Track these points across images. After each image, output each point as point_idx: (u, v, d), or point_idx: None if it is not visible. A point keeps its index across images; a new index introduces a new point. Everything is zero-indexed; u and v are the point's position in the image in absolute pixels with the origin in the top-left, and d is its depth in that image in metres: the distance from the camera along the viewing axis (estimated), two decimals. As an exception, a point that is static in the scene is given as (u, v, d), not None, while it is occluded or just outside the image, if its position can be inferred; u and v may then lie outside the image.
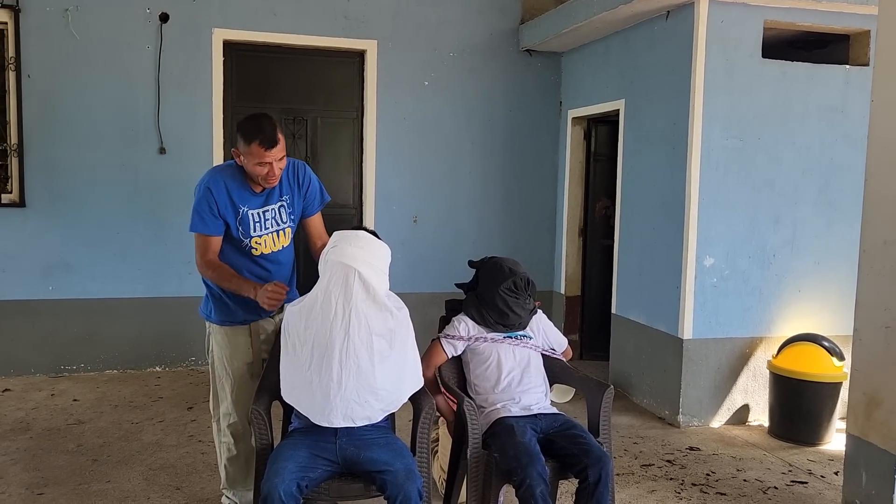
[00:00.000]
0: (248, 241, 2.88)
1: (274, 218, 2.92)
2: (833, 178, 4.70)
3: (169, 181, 5.48)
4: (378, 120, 5.87)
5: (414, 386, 2.68)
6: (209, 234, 2.84)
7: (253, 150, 2.73)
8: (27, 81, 5.18)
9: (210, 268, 2.84)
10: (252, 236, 2.87)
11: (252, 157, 2.74)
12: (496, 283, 3.02)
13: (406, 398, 2.65)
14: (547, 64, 6.21)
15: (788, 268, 4.69)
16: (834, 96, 4.66)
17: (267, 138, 2.72)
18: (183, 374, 5.44)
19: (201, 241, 2.85)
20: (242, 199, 2.85)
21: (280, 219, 2.94)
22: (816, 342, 4.42)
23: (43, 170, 5.26)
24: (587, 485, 2.61)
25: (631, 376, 5.16)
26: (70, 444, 4.00)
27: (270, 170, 2.77)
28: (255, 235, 2.88)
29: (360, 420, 2.53)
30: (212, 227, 2.83)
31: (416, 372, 2.70)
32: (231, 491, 3.06)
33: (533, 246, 6.26)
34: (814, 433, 4.37)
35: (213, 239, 2.85)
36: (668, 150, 4.72)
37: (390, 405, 2.60)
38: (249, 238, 2.88)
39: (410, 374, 2.67)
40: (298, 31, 5.65)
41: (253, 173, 2.79)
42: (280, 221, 2.94)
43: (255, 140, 2.72)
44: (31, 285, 5.29)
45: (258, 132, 2.72)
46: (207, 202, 2.81)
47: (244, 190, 2.86)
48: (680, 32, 4.60)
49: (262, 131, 2.72)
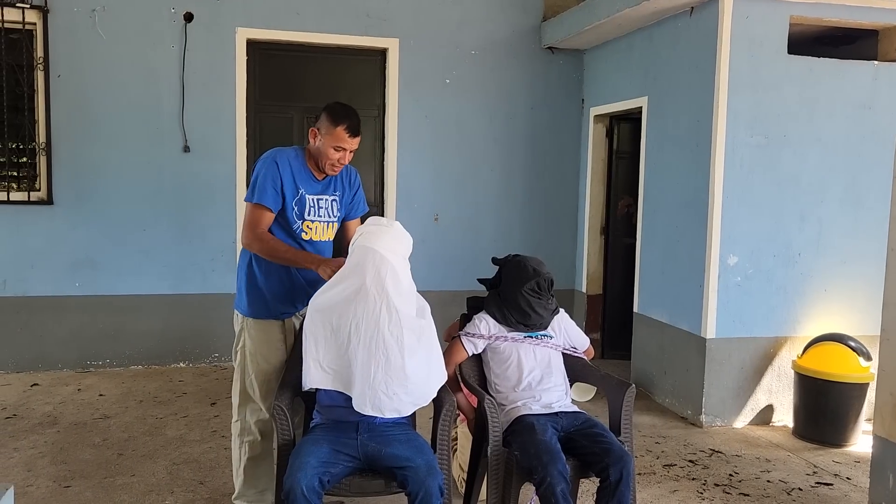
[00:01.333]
0: (300, 224, 2.86)
1: (327, 208, 2.93)
2: (860, 176, 4.63)
3: (193, 179, 5.55)
4: (399, 118, 5.89)
5: (440, 380, 2.69)
6: (268, 207, 2.79)
7: (337, 132, 2.79)
8: (55, 81, 5.26)
9: (261, 240, 2.79)
10: (305, 219, 2.87)
11: (332, 139, 2.80)
12: (520, 283, 3.01)
13: (435, 392, 2.66)
14: (569, 61, 6.19)
15: (814, 267, 4.62)
16: (862, 93, 4.59)
17: (354, 126, 2.82)
18: (206, 371, 5.50)
19: (256, 214, 2.80)
20: (303, 181, 2.86)
21: (332, 211, 2.95)
22: (843, 342, 4.36)
23: (70, 168, 5.34)
24: (608, 484, 2.60)
25: (653, 376, 5.12)
26: (96, 438, 4.06)
27: (342, 157, 2.85)
28: (308, 219, 2.87)
29: (389, 412, 2.54)
30: (271, 201, 2.79)
31: (441, 366, 2.72)
32: (244, 499, 2.98)
33: (554, 244, 6.23)
34: (839, 434, 4.31)
35: (269, 213, 2.80)
36: (692, 148, 4.68)
37: (420, 398, 2.61)
38: (302, 220, 2.86)
39: (436, 368, 2.68)
40: (321, 29, 5.68)
41: (324, 156, 2.82)
42: (331, 214, 2.96)
43: (343, 124, 2.80)
44: (59, 282, 5.38)
45: (347, 118, 2.81)
46: (272, 176, 2.80)
47: (306, 173, 2.88)
48: (704, 29, 4.56)
49: (351, 118, 2.82)
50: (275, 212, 2.82)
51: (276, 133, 5.70)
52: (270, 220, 2.82)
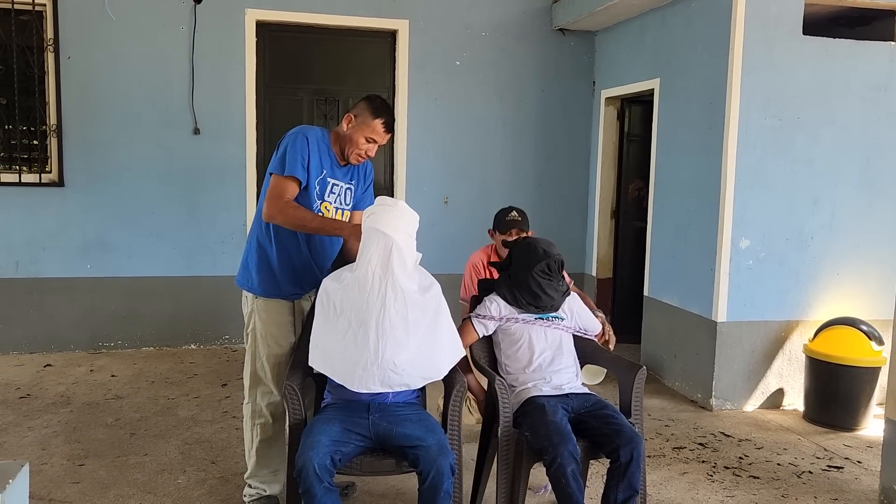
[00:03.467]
0: (319, 205, 2.84)
1: (341, 195, 2.92)
2: (875, 158, 4.59)
3: (203, 161, 5.55)
4: (409, 100, 5.86)
5: (455, 355, 2.69)
6: (297, 179, 2.73)
7: (375, 124, 2.81)
8: (66, 63, 5.26)
9: (287, 209, 2.70)
10: (325, 200, 2.85)
11: (367, 130, 2.80)
12: (530, 264, 3.00)
13: (448, 367, 2.66)
14: (580, 43, 6.13)
15: (827, 250, 4.59)
16: (878, 74, 4.53)
17: (391, 123, 2.85)
18: (217, 352, 5.53)
19: (283, 184, 2.72)
20: (326, 163, 2.84)
21: (344, 199, 2.94)
22: (855, 326, 4.34)
23: (81, 150, 5.36)
24: (619, 465, 2.60)
25: (663, 359, 5.11)
26: (109, 418, 4.10)
27: (371, 149, 2.85)
28: (327, 200, 2.86)
29: (398, 386, 2.55)
30: (300, 173, 2.74)
31: (455, 342, 2.70)
32: (257, 479, 2.99)
33: (564, 227, 6.21)
34: (850, 418, 4.30)
35: (295, 185, 2.74)
36: (704, 130, 4.64)
37: (429, 372, 2.61)
38: (322, 201, 2.85)
39: (449, 344, 2.67)
40: (330, 11, 5.65)
41: (354, 144, 2.82)
42: (343, 201, 2.94)
43: (382, 118, 2.82)
44: (71, 263, 5.41)
45: (387, 113, 2.84)
46: (301, 150, 2.76)
47: (330, 155, 2.86)
48: (717, 9, 4.50)
49: (390, 114, 2.86)
50: (303, 185, 2.77)
51: (285, 115, 5.69)
52: (296, 193, 2.76)
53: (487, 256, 3.61)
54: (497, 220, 3.59)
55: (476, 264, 3.60)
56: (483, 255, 3.63)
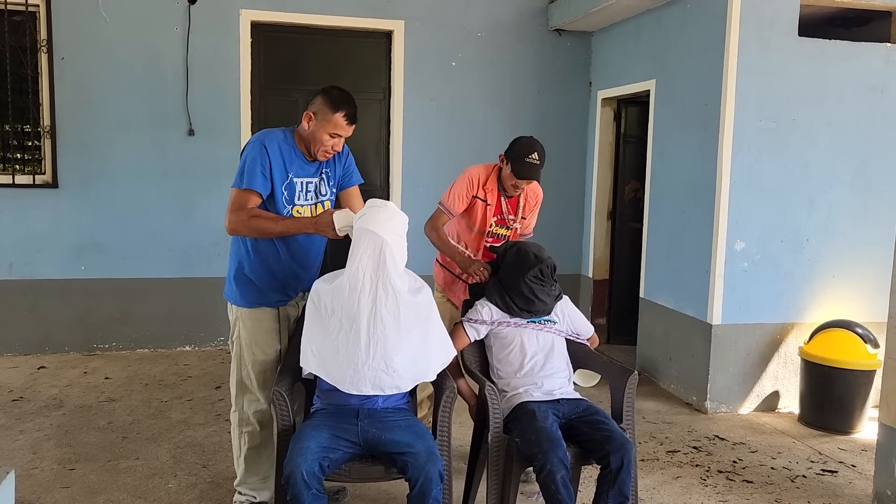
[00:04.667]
0: (290, 209, 2.81)
1: (315, 190, 2.89)
2: (871, 160, 4.57)
3: (198, 162, 5.53)
4: (405, 101, 5.84)
5: (446, 356, 2.69)
6: (257, 192, 2.70)
7: (336, 119, 2.73)
8: (59, 63, 5.24)
9: (247, 219, 2.69)
10: (295, 204, 2.82)
11: (329, 125, 2.74)
12: (522, 270, 2.99)
13: (438, 368, 2.66)
14: (576, 44, 6.11)
15: (822, 252, 4.57)
16: (874, 75, 4.51)
17: (352, 113, 2.76)
18: (212, 354, 5.52)
19: (243, 197, 2.71)
20: (292, 164, 2.80)
21: (320, 191, 2.90)
22: (850, 329, 4.32)
23: (75, 151, 5.34)
24: (609, 471, 2.59)
25: (658, 361, 5.10)
26: (101, 421, 4.08)
27: (336, 144, 2.79)
28: (297, 204, 2.82)
29: (390, 388, 2.55)
30: (261, 185, 2.71)
31: (446, 343, 2.71)
32: (246, 486, 2.98)
33: (561, 228, 6.19)
34: (845, 421, 4.28)
35: (257, 198, 2.72)
36: (700, 132, 4.62)
37: (419, 374, 2.61)
38: (292, 205, 2.81)
39: (440, 345, 2.67)
40: (325, 11, 5.63)
41: (318, 141, 2.76)
42: (320, 194, 2.90)
43: (342, 111, 2.74)
44: (65, 265, 5.40)
45: (347, 105, 2.75)
46: (261, 160, 2.72)
47: (296, 155, 2.81)
48: (713, 10, 4.48)
49: (350, 105, 2.76)
50: (264, 196, 2.74)
51: (280, 116, 5.66)
52: (257, 204, 2.73)
53: (487, 176, 3.42)
54: (515, 153, 3.29)
55: (472, 178, 3.41)
56: (484, 173, 3.43)
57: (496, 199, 3.43)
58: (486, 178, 3.42)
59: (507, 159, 3.33)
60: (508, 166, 3.32)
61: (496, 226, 3.48)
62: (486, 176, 3.42)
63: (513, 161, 3.30)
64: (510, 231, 3.52)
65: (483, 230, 3.46)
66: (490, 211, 3.42)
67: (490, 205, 3.42)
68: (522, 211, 3.51)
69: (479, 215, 3.43)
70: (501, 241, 3.47)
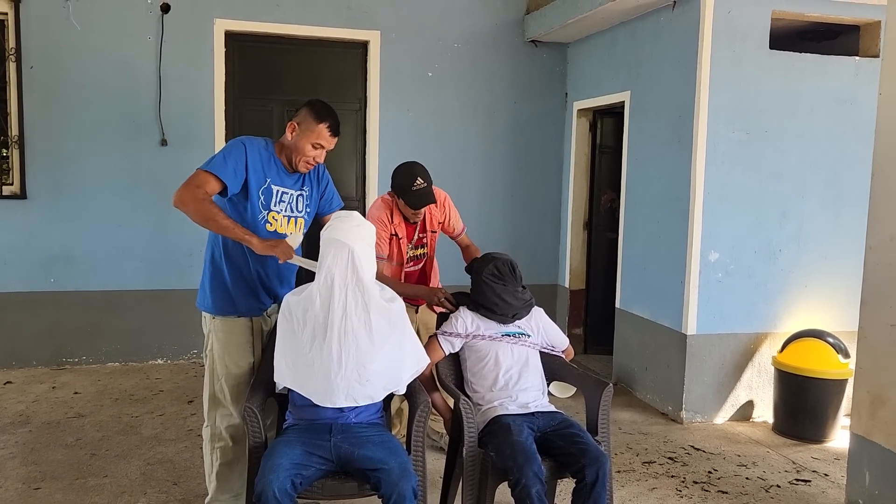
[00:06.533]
0: (266, 214, 2.77)
1: (291, 203, 2.86)
2: (841, 172, 4.63)
3: (171, 173, 5.39)
4: (381, 111, 5.82)
5: (418, 364, 2.68)
6: (220, 179, 2.61)
7: (319, 129, 2.74)
8: (28, 72, 5.16)
9: (200, 198, 2.58)
10: (271, 210, 2.79)
11: (312, 136, 2.74)
12: (479, 272, 3.03)
13: (410, 377, 2.65)
14: (552, 55, 6.14)
15: (795, 263, 4.62)
16: (843, 88, 4.58)
17: (336, 126, 2.79)
18: (184, 367, 5.43)
19: (204, 177, 2.61)
20: (271, 171, 2.77)
21: (296, 207, 2.87)
22: (822, 338, 4.36)
23: (44, 161, 5.24)
24: (584, 485, 2.58)
25: (634, 371, 5.11)
26: (69, 438, 3.99)
27: (318, 155, 2.79)
28: (273, 210, 2.79)
29: (363, 399, 2.53)
30: (229, 176, 2.62)
31: (419, 351, 2.71)
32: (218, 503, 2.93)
33: (537, 239, 6.20)
34: (818, 430, 4.32)
35: (217, 185, 2.62)
36: (674, 143, 4.65)
37: (391, 383, 2.60)
38: (268, 210, 2.78)
39: (412, 353, 2.67)
40: (301, 21, 5.60)
41: (300, 151, 2.76)
42: (295, 209, 2.87)
43: (327, 122, 2.75)
44: (33, 277, 5.29)
45: (331, 117, 2.78)
46: (236, 155, 2.68)
47: (275, 163, 2.79)
48: (686, 23, 4.53)
49: (334, 117, 2.78)
50: (229, 190, 2.66)
51: (255, 126, 5.62)
52: (215, 192, 2.65)
53: (391, 211, 3.43)
54: (401, 187, 3.31)
55: (383, 221, 3.39)
56: (386, 211, 3.42)
57: (405, 230, 3.50)
58: (391, 215, 3.46)
59: (397, 195, 3.38)
60: (401, 200, 3.37)
61: (412, 250, 3.57)
62: (389, 212, 3.46)
63: (402, 195, 3.35)
64: (425, 248, 3.61)
65: (402, 261, 3.53)
66: (403, 243, 3.51)
67: (402, 237, 3.50)
68: (430, 224, 3.58)
69: (396, 249, 3.50)
70: (421, 261, 3.58)
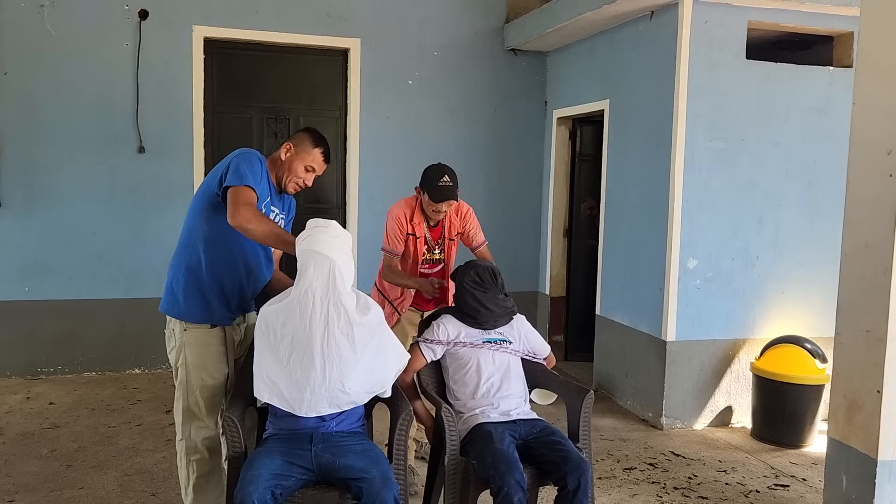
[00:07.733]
0: None
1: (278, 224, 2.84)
2: (816, 180, 4.70)
3: (148, 181, 5.41)
4: (361, 119, 5.82)
5: (399, 363, 2.69)
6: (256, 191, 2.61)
7: (315, 154, 2.81)
8: (2, 79, 5.09)
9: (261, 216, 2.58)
10: None
11: (307, 158, 2.80)
12: (462, 280, 3.05)
13: (392, 378, 2.65)
14: (532, 63, 6.18)
15: (772, 269, 4.68)
16: (818, 97, 4.65)
17: (329, 154, 2.88)
18: (162, 376, 5.37)
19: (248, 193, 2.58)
20: (266, 190, 2.77)
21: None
22: (799, 344, 4.42)
23: (19, 169, 5.17)
24: (566, 492, 2.58)
25: (615, 378, 5.14)
26: (44, 449, 3.93)
27: (308, 179, 2.84)
28: None
29: (346, 405, 2.54)
30: (260, 187, 2.65)
31: (399, 350, 2.70)
32: None
33: (517, 246, 6.22)
34: (796, 435, 4.36)
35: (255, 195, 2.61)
36: (652, 151, 4.70)
37: (375, 386, 2.60)
38: None
39: (393, 353, 2.67)
40: (281, 28, 5.58)
41: (293, 172, 2.80)
42: None
43: (322, 148, 2.83)
44: (7, 286, 5.21)
45: (326, 144, 2.86)
46: (259, 169, 2.68)
47: (269, 183, 2.81)
48: (664, 33, 4.58)
49: (328, 147, 2.88)
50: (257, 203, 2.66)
51: (234, 134, 5.59)
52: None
53: (412, 211, 3.55)
54: (428, 181, 3.45)
55: (400, 218, 3.52)
56: (408, 209, 3.55)
57: (423, 230, 3.60)
58: (411, 214, 3.56)
59: (423, 189, 3.49)
60: (425, 195, 3.48)
61: (427, 252, 3.66)
62: (410, 211, 3.57)
63: (427, 189, 3.46)
64: (442, 254, 3.69)
65: (417, 260, 3.62)
66: (420, 242, 3.59)
67: (419, 237, 3.59)
68: (448, 232, 3.65)
69: (412, 248, 3.60)
70: (437, 265, 3.67)
